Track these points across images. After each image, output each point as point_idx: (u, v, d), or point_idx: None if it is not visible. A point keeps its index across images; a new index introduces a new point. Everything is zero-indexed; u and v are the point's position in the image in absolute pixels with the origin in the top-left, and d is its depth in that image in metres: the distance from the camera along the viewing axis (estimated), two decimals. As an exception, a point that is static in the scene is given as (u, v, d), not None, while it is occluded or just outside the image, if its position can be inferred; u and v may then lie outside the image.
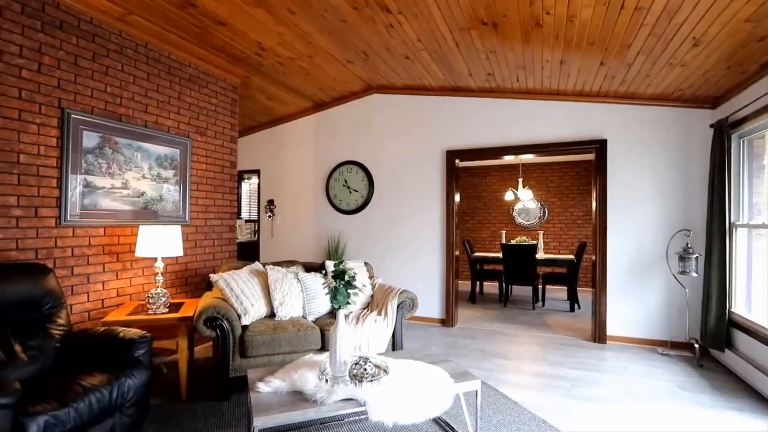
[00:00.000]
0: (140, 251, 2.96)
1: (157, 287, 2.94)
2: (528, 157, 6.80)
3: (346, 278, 2.01)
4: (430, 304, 4.91)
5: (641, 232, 4.09)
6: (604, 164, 4.19)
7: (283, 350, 2.79)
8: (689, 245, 3.73)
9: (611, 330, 4.18)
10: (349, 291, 2.03)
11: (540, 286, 6.13)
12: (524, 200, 7.73)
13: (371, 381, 1.93)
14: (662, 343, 3.97)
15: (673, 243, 3.90)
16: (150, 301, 2.86)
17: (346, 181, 5.42)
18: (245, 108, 5.20)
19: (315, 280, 3.31)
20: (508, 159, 5.09)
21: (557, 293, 7.09)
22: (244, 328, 2.84)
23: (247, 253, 6.40)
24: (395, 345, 3.16)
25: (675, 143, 3.97)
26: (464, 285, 7.52)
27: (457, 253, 4.89)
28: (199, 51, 3.72)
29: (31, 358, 2.14)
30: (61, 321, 2.36)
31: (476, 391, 2.12)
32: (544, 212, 7.81)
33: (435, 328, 4.76)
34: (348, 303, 2.04)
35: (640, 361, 3.62)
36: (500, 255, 6.32)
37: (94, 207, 2.97)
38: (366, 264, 3.71)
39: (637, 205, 4.10)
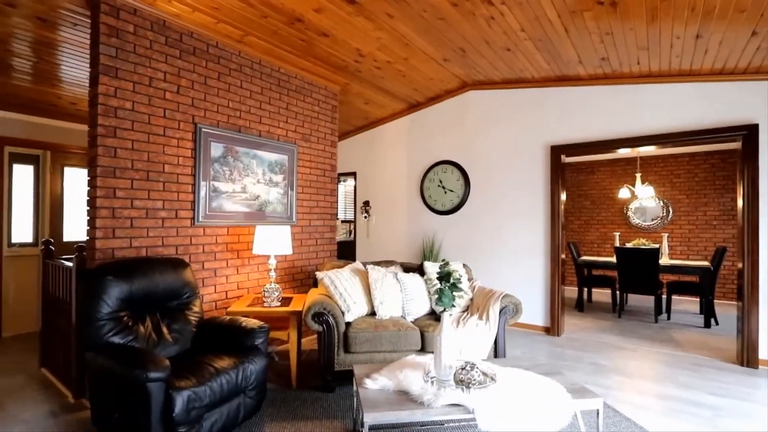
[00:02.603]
0: (257, 249, 3.26)
1: (271, 282, 3.20)
2: (647, 150, 6.00)
3: (452, 280, 1.96)
4: (533, 310, 4.60)
5: (809, 234, 3.32)
6: (755, 153, 3.49)
7: (384, 348, 2.84)
8: None
9: (765, 353, 3.47)
10: (454, 293, 1.97)
11: (664, 297, 5.36)
12: (642, 198, 6.85)
13: (479, 388, 1.85)
14: (842, 374, 3.18)
15: None
16: (265, 294, 3.13)
17: (440, 182, 5.35)
18: (343, 113, 5.44)
19: (414, 280, 3.30)
20: (623, 152, 4.52)
21: (686, 305, 6.15)
22: (347, 324, 2.94)
23: (344, 252, 6.69)
24: (497, 352, 3.02)
25: None
26: (569, 291, 6.92)
27: (563, 256, 4.51)
28: (304, 63, 3.99)
29: (174, 340, 2.47)
30: (195, 309, 2.70)
31: (598, 410, 1.91)
32: (668, 211, 6.83)
33: (538, 336, 4.44)
34: (453, 305, 1.98)
35: (811, 394, 2.94)
36: (613, 259, 5.68)
37: (219, 209, 3.35)
38: (465, 266, 3.61)
39: (802, 202, 3.35)
